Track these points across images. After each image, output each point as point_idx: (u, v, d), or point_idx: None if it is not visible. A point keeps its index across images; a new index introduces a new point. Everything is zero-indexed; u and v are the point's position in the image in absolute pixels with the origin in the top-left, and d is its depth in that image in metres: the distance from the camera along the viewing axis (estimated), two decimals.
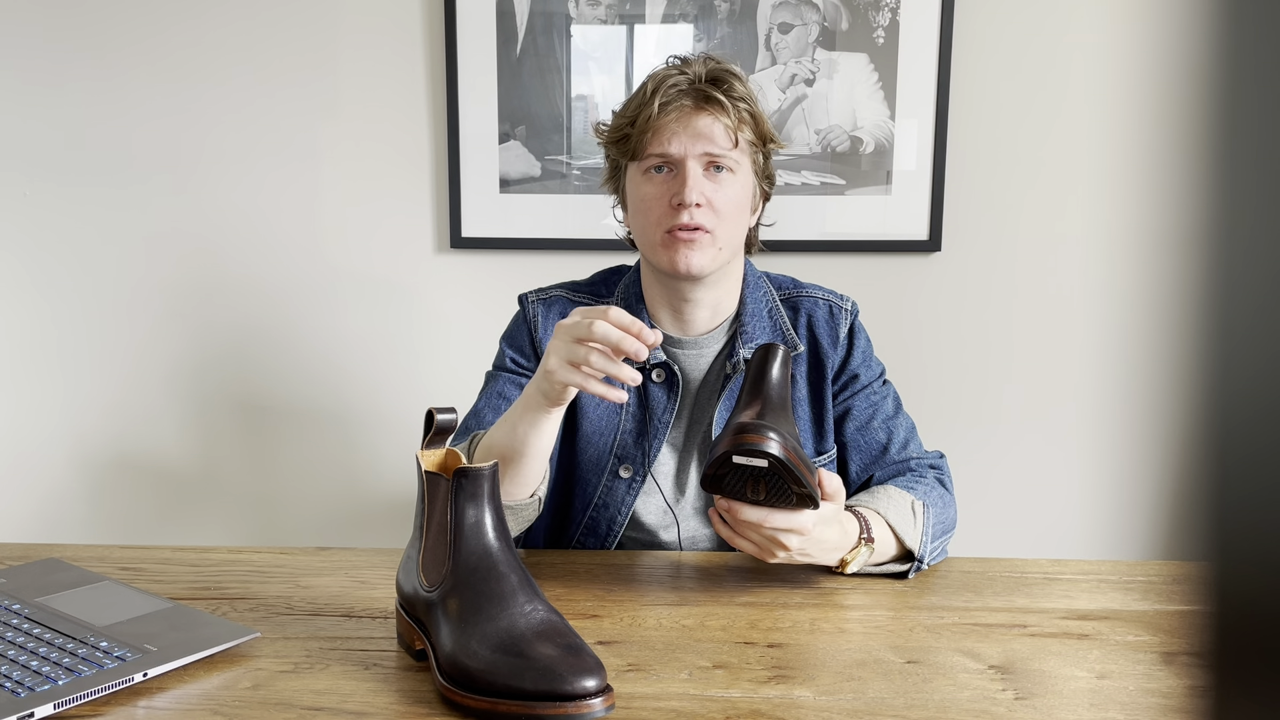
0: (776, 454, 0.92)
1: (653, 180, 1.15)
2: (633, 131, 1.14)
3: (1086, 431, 1.88)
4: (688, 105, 1.13)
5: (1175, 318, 0.25)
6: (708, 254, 1.14)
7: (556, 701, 0.74)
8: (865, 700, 0.81)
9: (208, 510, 1.98)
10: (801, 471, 0.94)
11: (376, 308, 1.91)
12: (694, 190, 1.11)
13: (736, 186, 1.15)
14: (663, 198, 1.14)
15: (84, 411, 1.96)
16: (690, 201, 1.11)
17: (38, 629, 0.90)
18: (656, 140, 1.13)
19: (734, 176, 1.15)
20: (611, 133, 1.18)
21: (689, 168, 1.12)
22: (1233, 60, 0.23)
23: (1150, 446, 1.82)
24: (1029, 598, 1.04)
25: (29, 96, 1.88)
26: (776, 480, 0.94)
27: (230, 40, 1.85)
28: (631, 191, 1.18)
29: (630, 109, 1.16)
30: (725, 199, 1.14)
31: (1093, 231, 1.83)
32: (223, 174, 1.89)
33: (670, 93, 1.12)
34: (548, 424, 1.03)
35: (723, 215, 1.14)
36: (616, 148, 1.18)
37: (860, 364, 1.24)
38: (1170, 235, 0.27)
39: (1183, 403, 0.25)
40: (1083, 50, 1.79)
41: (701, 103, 1.13)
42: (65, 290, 1.93)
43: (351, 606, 1.00)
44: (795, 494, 0.95)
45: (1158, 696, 0.82)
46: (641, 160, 1.15)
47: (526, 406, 1.02)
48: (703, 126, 1.12)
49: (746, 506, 0.97)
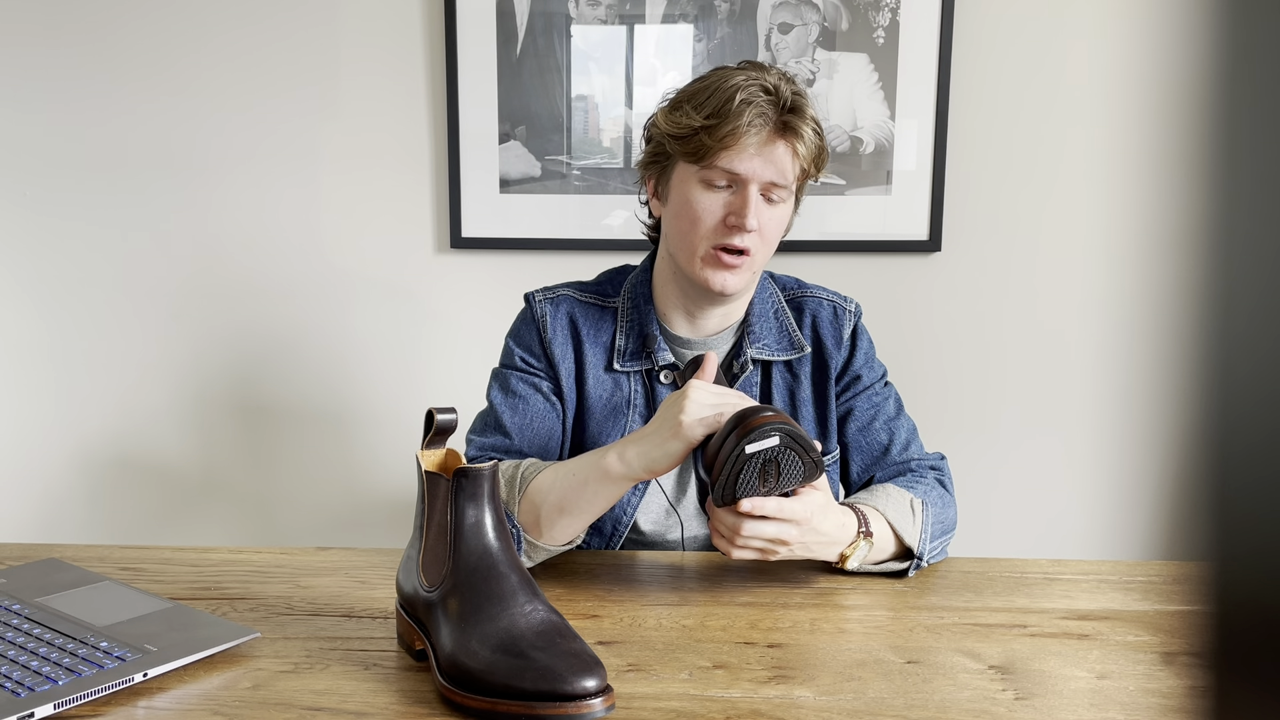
0: (785, 427, 0.93)
1: (710, 192, 1.12)
2: (707, 139, 1.09)
3: (1086, 431, 1.88)
4: (769, 130, 1.10)
5: (1175, 318, 0.25)
6: (744, 277, 1.14)
7: (556, 701, 0.74)
8: (865, 700, 0.81)
9: (208, 511, 1.98)
10: (807, 436, 0.96)
11: (376, 308, 1.91)
12: (754, 216, 1.11)
13: (784, 212, 1.16)
14: (718, 213, 1.12)
15: (84, 412, 1.96)
16: (750, 227, 1.10)
17: (38, 629, 0.90)
18: (729, 156, 1.09)
19: (784, 205, 1.15)
20: (676, 126, 1.13)
21: (751, 191, 1.11)
22: (1233, 60, 0.23)
23: (1150, 446, 1.82)
24: (1029, 598, 1.04)
25: (29, 97, 1.88)
26: (788, 456, 0.94)
27: (231, 41, 1.85)
28: (680, 192, 1.15)
29: (706, 111, 1.10)
30: (773, 225, 1.14)
31: (1093, 231, 1.83)
32: (223, 174, 1.89)
33: (755, 112, 1.09)
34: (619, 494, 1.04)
35: (766, 239, 1.14)
36: (678, 143, 1.13)
37: (863, 365, 1.24)
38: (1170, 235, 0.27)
39: (1183, 403, 0.25)
40: (1083, 50, 1.79)
41: (781, 131, 1.10)
42: (65, 290, 1.93)
43: (351, 606, 1.00)
44: (805, 464, 0.96)
45: (1158, 696, 0.82)
46: (705, 168, 1.11)
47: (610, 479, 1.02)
48: (777, 155, 1.11)
49: (764, 500, 0.97)
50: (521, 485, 1.08)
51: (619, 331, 1.22)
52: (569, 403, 1.21)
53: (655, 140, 1.18)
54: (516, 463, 1.11)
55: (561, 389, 1.21)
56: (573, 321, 1.22)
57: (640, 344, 1.21)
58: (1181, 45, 0.24)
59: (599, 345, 1.22)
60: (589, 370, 1.21)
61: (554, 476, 1.06)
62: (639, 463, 1.00)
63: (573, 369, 1.22)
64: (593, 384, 1.21)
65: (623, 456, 1.01)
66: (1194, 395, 0.25)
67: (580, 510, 1.04)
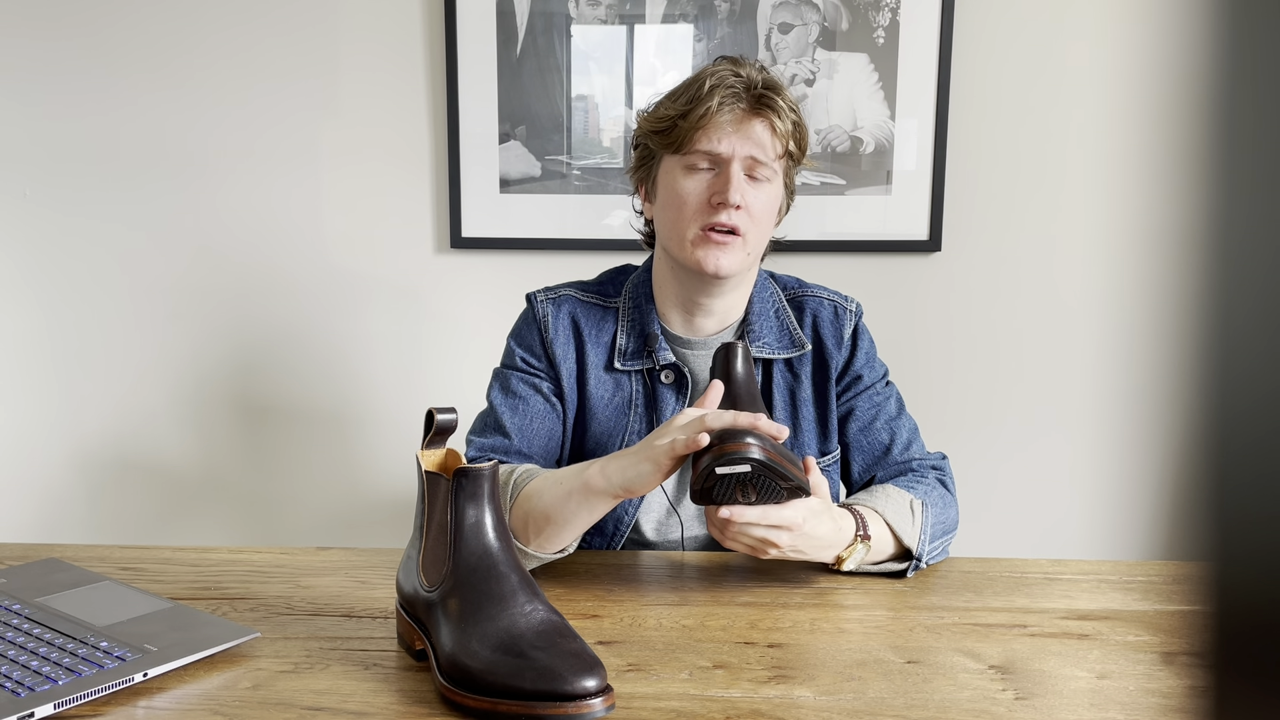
0: (757, 457, 0.93)
1: (694, 176, 1.14)
2: (683, 124, 1.12)
3: (1086, 431, 1.88)
4: (742, 108, 1.12)
5: (1175, 317, 0.25)
6: (736, 257, 1.14)
7: (556, 701, 0.74)
8: (865, 700, 0.81)
9: (208, 511, 1.98)
10: (785, 467, 0.95)
11: (376, 308, 1.91)
12: (737, 191, 1.11)
13: (771, 193, 1.16)
14: (702, 194, 1.13)
15: (84, 411, 1.96)
16: (733, 202, 1.11)
17: (38, 629, 0.90)
18: (706, 137, 1.12)
19: (770, 185, 1.15)
20: (655, 122, 1.16)
21: (733, 169, 1.12)
22: (1232, 60, 0.23)
23: (1150, 446, 1.82)
24: (1029, 598, 1.04)
25: (29, 96, 1.88)
26: (763, 480, 0.95)
27: (231, 40, 1.85)
28: (666, 183, 1.17)
29: (681, 102, 1.14)
30: (761, 205, 1.14)
31: (1093, 231, 1.83)
32: (222, 174, 1.89)
33: (726, 92, 1.11)
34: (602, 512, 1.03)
35: (756, 220, 1.14)
36: (659, 138, 1.16)
37: (864, 365, 1.24)
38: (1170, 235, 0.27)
39: (1183, 402, 0.25)
40: (1083, 50, 1.79)
41: (756, 107, 1.12)
42: (65, 290, 1.93)
43: (351, 606, 1.00)
44: (784, 489, 0.96)
45: (1158, 696, 0.82)
46: (685, 154, 1.14)
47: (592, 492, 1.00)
48: (754, 131, 1.12)
49: (744, 508, 0.97)
50: (514, 491, 1.07)
51: (620, 331, 1.22)
52: (570, 403, 1.21)
53: (640, 144, 1.21)
54: (512, 468, 1.11)
55: (562, 389, 1.21)
56: (574, 321, 1.23)
57: (641, 343, 1.21)
58: (1181, 45, 0.24)
59: (600, 345, 1.22)
60: (590, 370, 1.21)
61: (543, 485, 1.05)
62: (618, 479, 0.99)
63: (574, 369, 1.22)
64: (594, 384, 1.21)
65: (604, 471, 1.00)
66: (1194, 395, 0.25)
67: (566, 521, 1.02)
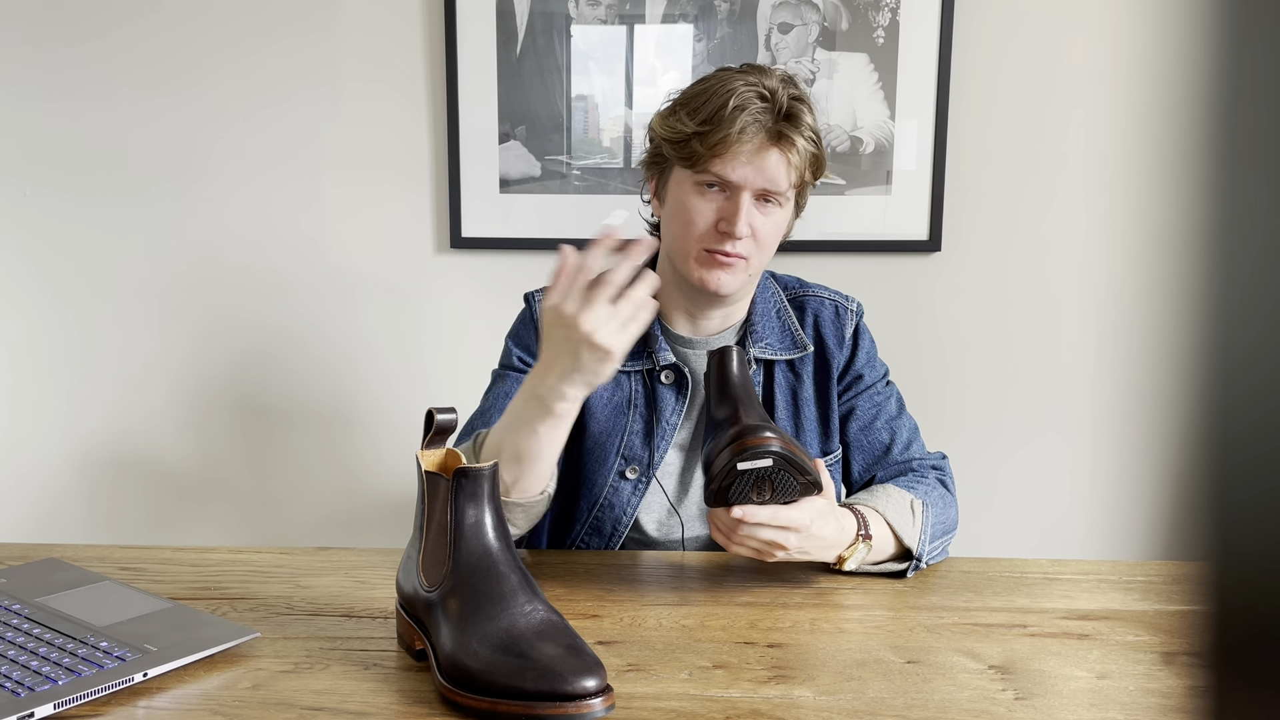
0: (778, 450, 0.93)
1: (703, 195, 1.12)
2: (699, 146, 1.10)
3: (1086, 431, 1.88)
4: (761, 138, 1.09)
5: (1175, 318, 0.25)
6: (739, 278, 1.14)
7: (556, 701, 0.74)
8: (865, 700, 0.81)
9: (208, 510, 1.98)
10: (803, 459, 0.96)
11: (377, 308, 1.91)
12: (745, 223, 1.10)
13: (780, 218, 1.15)
14: (710, 217, 1.12)
15: (84, 412, 1.96)
16: (740, 234, 1.10)
17: (38, 629, 0.90)
18: (721, 163, 1.10)
19: (780, 210, 1.14)
20: (671, 132, 1.13)
21: (744, 198, 1.10)
22: (1232, 60, 0.23)
23: (1150, 446, 1.82)
24: (1029, 598, 1.04)
25: (29, 97, 1.88)
26: (781, 475, 0.96)
27: (230, 41, 1.85)
28: (676, 195, 1.15)
29: (699, 120, 1.10)
30: (769, 230, 1.14)
31: (1093, 231, 1.83)
32: (222, 175, 1.89)
33: (748, 119, 1.08)
34: (567, 427, 1.01)
35: (762, 244, 1.14)
36: (673, 148, 1.13)
37: (865, 364, 1.24)
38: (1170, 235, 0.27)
39: (1182, 403, 0.25)
40: (1083, 50, 1.79)
41: (774, 139, 1.10)
42: (65, 291, 1.93)
43: (351, 606, 1.00)
44: (799, 483, 0.97)
45: (1158, 696, 0.82)
46: (698, 173, 1.12)
47: (548, 412, 0.98)
48: (769, 164, 1.10)
49: (756, 508, 0.98)
50: (478, 450, 1.07)
51: None
52: None
53: (651, 139, 1.20)
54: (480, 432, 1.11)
55: None
56: None
57: (641, 343, 1.21)
58: (1181, 45, 0.24)
59: None
60: None
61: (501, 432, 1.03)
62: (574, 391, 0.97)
63: None
64: None
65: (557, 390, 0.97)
66: (1194, 394, 0.25)
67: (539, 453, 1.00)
